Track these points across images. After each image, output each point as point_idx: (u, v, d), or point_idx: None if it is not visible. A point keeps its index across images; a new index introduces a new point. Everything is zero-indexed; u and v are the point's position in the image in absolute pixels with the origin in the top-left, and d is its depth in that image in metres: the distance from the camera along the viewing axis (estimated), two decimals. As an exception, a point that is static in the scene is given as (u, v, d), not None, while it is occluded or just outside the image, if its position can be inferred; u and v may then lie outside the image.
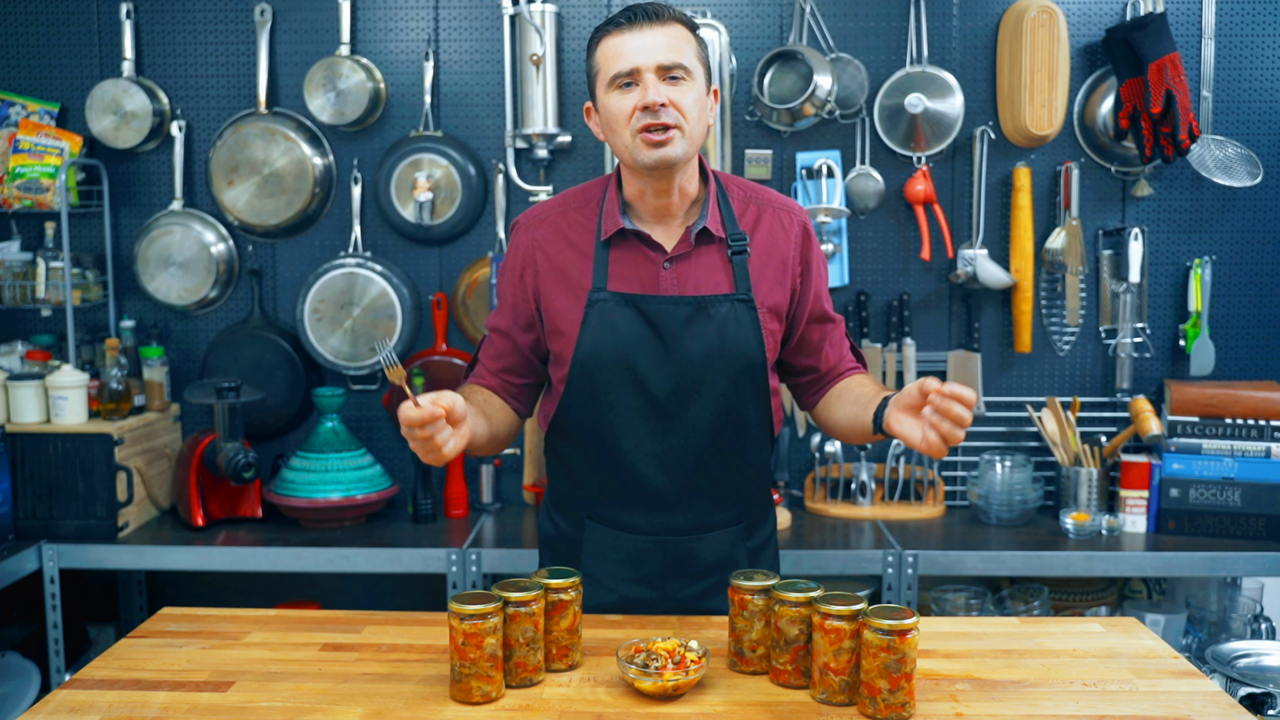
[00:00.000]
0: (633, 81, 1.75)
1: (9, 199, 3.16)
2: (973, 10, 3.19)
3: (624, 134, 1.76)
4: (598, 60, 1.80)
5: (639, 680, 1.54)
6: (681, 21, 1.80)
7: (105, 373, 3.04)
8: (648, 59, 1.74)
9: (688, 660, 1.57)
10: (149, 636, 1.80)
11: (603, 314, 1.81)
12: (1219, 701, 1.55)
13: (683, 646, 1.59)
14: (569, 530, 1.96)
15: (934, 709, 1.52)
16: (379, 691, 1.58)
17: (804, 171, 3.18)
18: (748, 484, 1.93)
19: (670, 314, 1.81)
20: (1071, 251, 3.16)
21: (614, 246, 1.84)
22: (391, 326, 3.19)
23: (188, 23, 3.26)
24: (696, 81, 1.77)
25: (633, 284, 1.82)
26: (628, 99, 1.75)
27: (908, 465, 3.23)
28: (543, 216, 1.91)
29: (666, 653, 1.57)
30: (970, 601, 3.14)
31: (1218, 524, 2.99)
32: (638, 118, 1.74)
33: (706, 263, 1.84)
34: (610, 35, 1.78)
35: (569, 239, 1.87)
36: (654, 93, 1.72)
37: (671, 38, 1.76)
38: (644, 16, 1.76)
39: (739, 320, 1.82)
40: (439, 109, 3.26)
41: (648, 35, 1.75)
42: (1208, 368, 3.17)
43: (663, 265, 1.83)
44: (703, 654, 1.58)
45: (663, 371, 1.81)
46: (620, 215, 1.83)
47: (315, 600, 3.38)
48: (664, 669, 1.54)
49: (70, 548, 2.90)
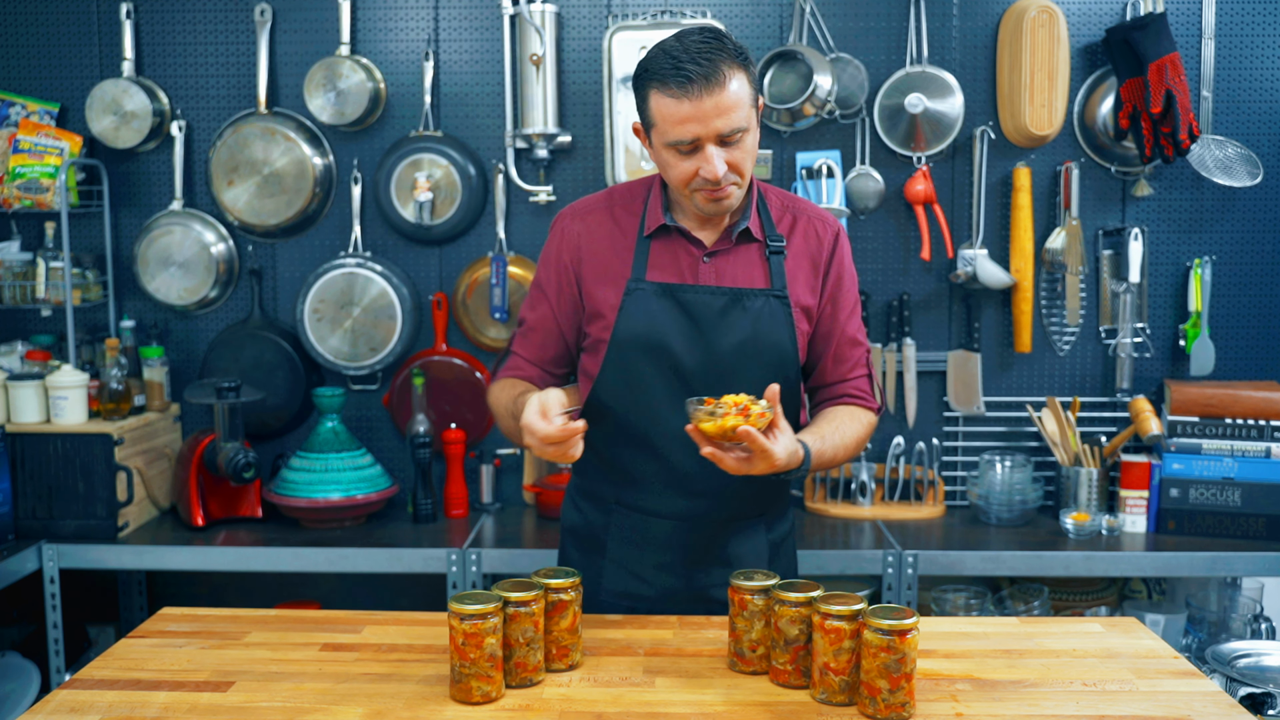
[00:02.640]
0: (693, 148, 1.76)
1: (9, 199, 3.16)
2: (973, 10, 3.19)
3: (682, 189, 1.81)
4: (653, 114, 1.77)
5: (703, 421, 1.62)
6: (735, 64, 1.73)
7: (105, 373, 3.04)
8: (707, 130, 1.73)
9: (752, 411, 1.62)
10: (149, 636, 1.80)
11: (640, 301, 1.86)
12: (1219, 701, 1.55)
13: (751, 400, 1.64)
14: (595, 517, 1.99)
15: (934, 709, 1.52)
16: (379, 691, 1.58)
17: (804, 171, 3.18)
18: (768, 477, 1.94)
19: (706, 304, 1.86)
20: (1071, 251, 3.16)
21: (656, 240, 1.89)
22: (391, 326, 3.20)
23: (188, 23, 3.26)
24: (752, 129, 1.79)
25: (671, 275, 1.88)
26: (688, 163, 1.77)
27: (908, 465, 3.23)
28: (587, 210, 1.95)
29: (734, 403, 1.63)
30: (970, 601, 3.14)
31: (1218, 524, 2.99)
32: (697, 181, 1.78)
33: (744, 259, 1.89)
34: (668, 96, 1.72)
35: (612, 232, 1.92)
36: (718, 164, 1.74)
37: (730, 99, 1.71)
38: (703, 80, 1.69)
39: (773, 314, 1.86)
40: (439, 109, 3.26)
41: (706, 102, 1.70)
42: (1208, 368, 3.17)
43: (702, 259, 1.88)
44: (767, 409, 1.64)
45: (697, 359, 1.86)
46: (663, 212, 1.88)
47: (315, 600, 3.38)
48: (727, 413, 1.62)
49: (70, 548, 2.90)
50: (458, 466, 3.20)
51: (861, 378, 1.99)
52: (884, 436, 3.28)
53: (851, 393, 1.97)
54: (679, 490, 1.90)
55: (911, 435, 3.28)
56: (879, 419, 2.11)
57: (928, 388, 3.29)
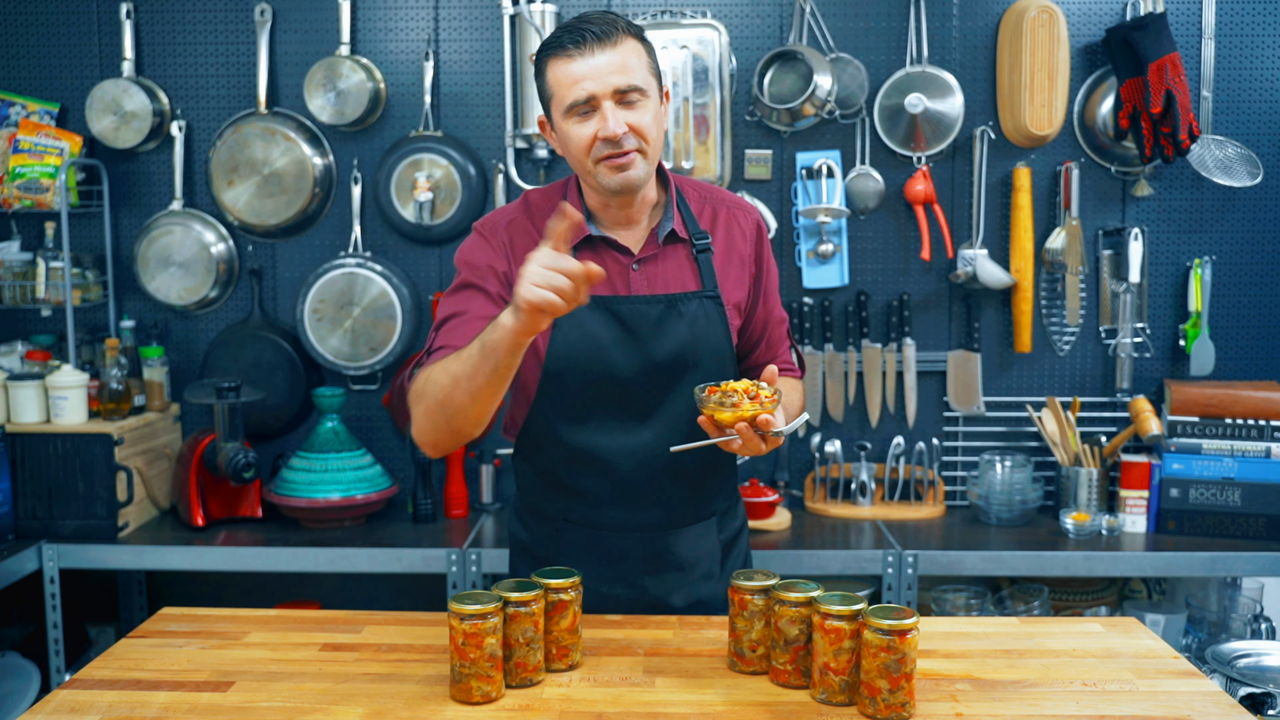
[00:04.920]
0: (590, 109, 1.73)
1: (9, 199, 3.16)
2: (973, 10, 3.19)
3: (585, 161, 1.76)
4: (550, 84, 1.76)
5: (718, 411, 1.63)
6: (630, 34, 1.75)
7: (105, 373, 3.04)
8: (602, 85, 1.71)
9: (762, 395, 1.64)
10: (149, 636, 1.80)
11: (573, 318, 1.79)
12: (1219, 701, 1.55)
13: (756, 385, 1.66)
14: (545, 535, 1.95)
15: (934, 709, 1.52)
16: (379, 691, 1.58)
17: (804, 171, 3.18)
18: (719, 476, 1.96)
19: (642, 314, 1.83)
20: (1071, 251, 3.16)
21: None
22: (391, 326, 3.20)
23: (188, 23, 3.26)
24: (652, 97, 1.76)
25: (603, 287, 1.82)
26: (587, 127, 1.74)
27: (908, 465, 3.23)
28: (507, 220, 1.88)
29: (742, 390, 1.64)
30: (970, 601, 3.14)
31: (1218, 524, 2.99)
32: (598, 147, 1.74)
33: (674, 262, 1.86)
34: (560, 59, 1.73)
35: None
36: (614, 123, 1.71)
37: (624, 56, 1.72)
38: (594, 37, 1.71)
39: (708, 317, 1.85)
40: (439, 109, 3.26)
41: (600, 57, 1.71)
42: (1208, 368, 3.17)
43: (631, 267, 1.85)
44: (774, 391, 1.66)
45: (636, 370, 1.83)
46: (585, 222, 1.83)
47: (315, 600, 3.38)
48: (740, 402, 1.62)
49: (70, 548, 2.90)
50: (458, 466, 3.20)
51: (787, 350, 2.04)
52: (884, 436, 3.28)
53: (781, 366, 2.01)
54: (628, 502, 1.88)
55: (911, 435, 3.28)
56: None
57: (928, 388, 3.29)
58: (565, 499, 1.91)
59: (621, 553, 1.90)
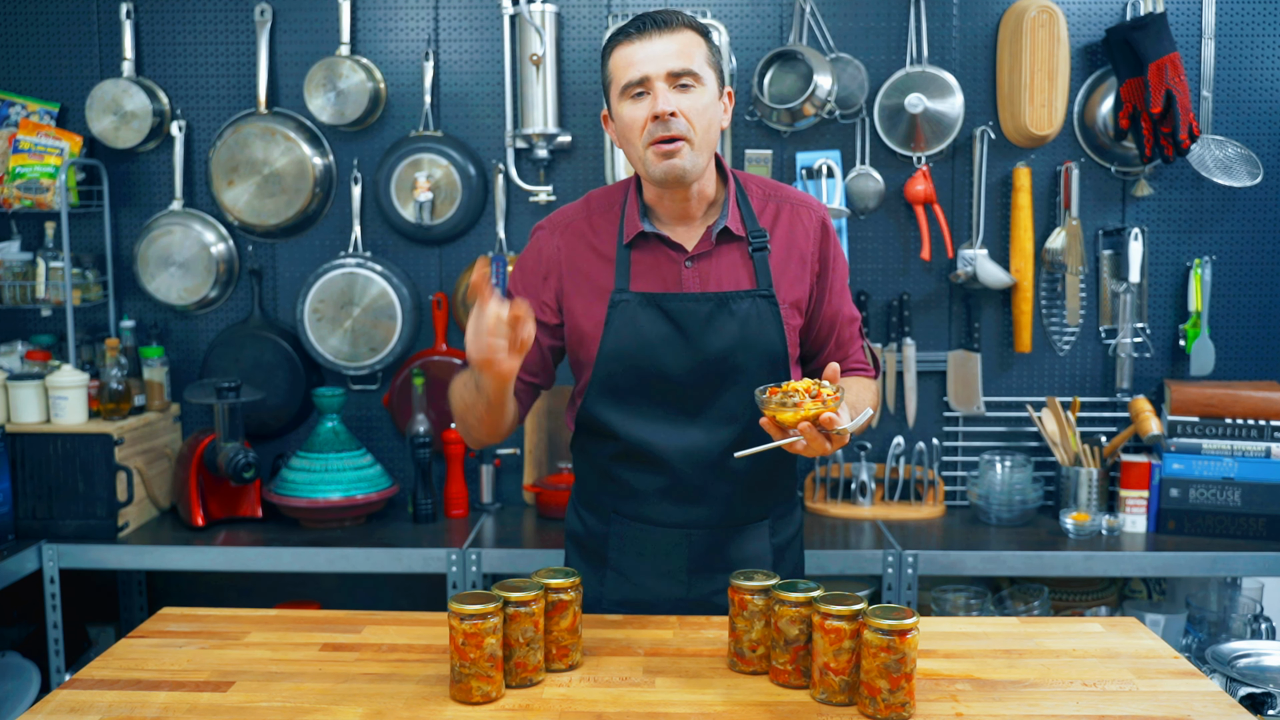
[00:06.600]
0: (644, 91, 1.77)
1: (9, 199, 3.16)
2: (973, 10, 3.19)
3: (637, 145, 1.80)
4: (610, 70, 1.82)
5: (779, 412, 1.60)
6: (692, 27, 1.81)
7: (105, 373, 3.04)
8: (657, 67, 1.76)
9: (824, 394, 1.60)
10: (149, 636, 1.80)
11: (625, 314, 1.84)
12: (1219, 701, 1.55)
13: (817, 384, 1.63)
14: (596, 527, 1.98)
15: (934, 709, 1.52)
16: (379, 691, 1.58)
17: (804, 171, 3.18)
18: (773, 479, 1.95)
19: (692, 311, 1.84)
20: (1071, 251, 3.16)
21: (636, 249, 1.87)
22: (391, 326, 3.20)
23: (188, 23, 3.26)
24: (707, 87, 1.79)
25: (655, 284, 1.85)
26: (639, 108, 1.78)
27: (908, 465, 3.23)
28: (566, 222, 1.93)
29: (803, 389, 1.61)
30: (970, 601, 3.14)
31: (1218, 524, 2.99)
32: (649, 129, 1.77)
33: (728, 260, 1.87)
34: (622, 45, 1.80)
35: (592, 243, 1.90)
36: (663, 101, 1.75)
37: (681, 44, 1.77)
38: (654, 25, 1.78)
39: (761, 315, 1.85)
40: (439, 109, 3.26)
41: (658, 43, 1.77)
42: (1208, 368, 3.17)
43: (684, 264, 1.86)
44: (836, 389, 1.62)
45: (687, 367, 1.84)
46: (640, 219, 1.86)
47: (315, 600, 3.38)
48: (802, 401, 1.59)
49: (70, 548, 2.90)
50: (458, 466, 3.20)
51: (859, 349, 2.02)
52: (884, 436, 3.28)
53: (853, 366, 2.00)
54: (680, 500, 1.89)
55: (911, 435, 3.28)
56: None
57: (928, 388, 3.29)
58: (615, 492, 1.93)
59: (671, 549, 1.91)
